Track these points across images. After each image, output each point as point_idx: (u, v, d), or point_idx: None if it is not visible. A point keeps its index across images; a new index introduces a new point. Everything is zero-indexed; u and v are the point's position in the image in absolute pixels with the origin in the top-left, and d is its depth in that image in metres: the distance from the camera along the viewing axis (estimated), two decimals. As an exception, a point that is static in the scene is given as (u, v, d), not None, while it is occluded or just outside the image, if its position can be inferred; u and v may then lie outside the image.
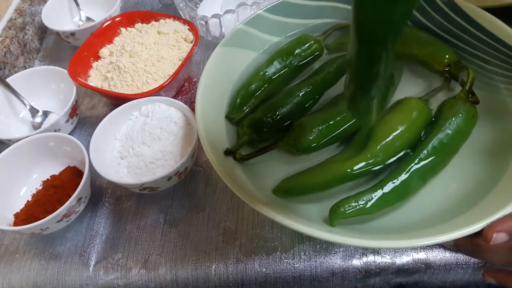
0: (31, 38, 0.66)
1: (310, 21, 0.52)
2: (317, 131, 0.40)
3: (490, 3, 0.56)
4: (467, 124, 0.39)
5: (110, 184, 0.49)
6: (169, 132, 0.47)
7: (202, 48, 0.63)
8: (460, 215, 0.34)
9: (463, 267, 0.41)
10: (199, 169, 0.49)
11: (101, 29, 0.58)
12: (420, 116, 0.40)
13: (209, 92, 0.43)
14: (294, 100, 0.44)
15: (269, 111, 0.43)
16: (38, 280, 0.43)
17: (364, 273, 0.41)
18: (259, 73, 0.47)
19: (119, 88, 0.53)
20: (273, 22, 0.51)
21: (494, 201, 0.34)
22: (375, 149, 0.37)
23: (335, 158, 0.40)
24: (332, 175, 0.37)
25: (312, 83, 0.45)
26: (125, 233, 0.45)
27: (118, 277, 0.42)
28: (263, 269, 0.41)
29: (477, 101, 0.41)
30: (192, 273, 0.42)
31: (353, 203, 0.35)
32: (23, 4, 0.67)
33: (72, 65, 0.53)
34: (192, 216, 0.45)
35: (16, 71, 0.61)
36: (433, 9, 0.47)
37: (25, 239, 0.45)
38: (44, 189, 0.46)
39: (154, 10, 0.71)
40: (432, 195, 0.38)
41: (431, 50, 0.45)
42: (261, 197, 0.37)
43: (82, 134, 0.55)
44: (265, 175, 0.41)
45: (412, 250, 0.41)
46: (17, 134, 0.52)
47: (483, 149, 0.40)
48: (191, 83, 0.58)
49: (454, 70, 0.44)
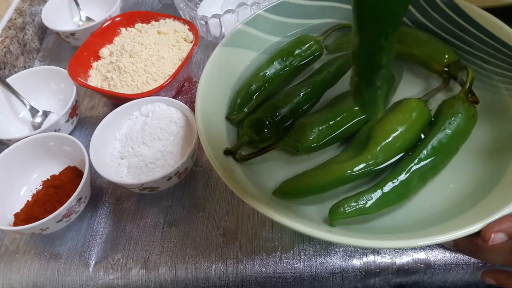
0: (31, 38, 0.66)
1: (310, 21, 0.52)
2: (317, 131, 0.40)
3: (490, 3, 0.56)
4: (466, 124, 0.39)
5: (110, 184, 0.49)
6: (169, 132, 0.47)
7: (202, 48, 0.63)
8: (460, 215, 0.34)
9: (463, 267, 0.41)
10: (199, 169, 0.49)
11: (101, 29, 0.58)
12: (419, 116, 0.40)
13: (209, 92, 0.43)
14: (294, 100, 0.44)
15: (269, 111, 0.43)
16: (38, 280, 0.43)
17: (364, 273, 0.41)
18: (259, 73, 0.47)
19: (119, 88, 0.53)
20: (273, 22, 0.51)
21: (494, 201, 0.34)
22: (375, 150, 0.37)
23: (335, 159, 0.40)
24: (332, 176, 0.37)
25: (312, 83, 0.45)
26: (125, 233, 0.45)
27: (118, 277, 0.42)
28: (263, 269, 0.41)
29: (477, 101, 0.41)
30: (192, 273, 0.42)
31: (352, 203, 0.35)
32: (23, 4, 0.67)
33: (72, 65, 0.53)
34: (192, 216, 0.45)
35: (16, 71, 0.61)
36: (433, 9, 0.47)
37: (25, 239, 0.45)
38: (44, 189, 0.46)
39: (154, 10, 0.71)
40: (432, 195, 0.38)
41: (431, 50, 0.45)
42: (261, 197, 0.37)
43: (82, 134, 0.55)
44: (265, 175, 0.41)
45: (412, 250, 0.41)
46: (17, 134, 0.52)
47: (483, 149, 0.40)
48: (191, 83, 0.58)
49: (454, 70, 0.44)
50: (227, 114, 0.45)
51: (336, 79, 0.47)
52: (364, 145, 0.38)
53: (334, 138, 0.41)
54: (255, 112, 0.44)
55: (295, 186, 0.39)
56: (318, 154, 0.42)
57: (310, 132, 0.40)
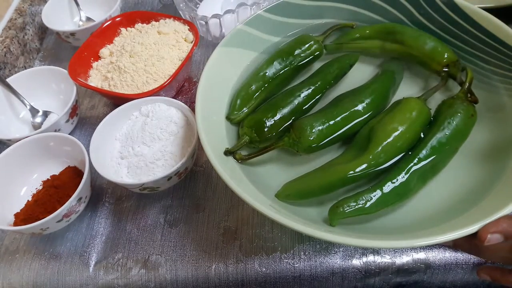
0: (31, 38, 0.66)
1: (310, 21, 0.52)
2: (317, 131, 0.40)
3: (490, 3, 0.56)
4: (466, 123, 0.39)
5: (110, 184, 0.49)
6: (169, 132, 0.47)
7: (202, 48, 0.63)
8: (459, 216, 0.34)
9: (462, 267, 0.41)
10: (199, 169, 0.49)
11: (101, 29, 0.58)
12: (419, 116, 0.40)
13: (209, 92, 0.43)
14: (294, 100, 0.44)
15: (269, 111, 0.43)
16: (38, 280, 0.43)
17: (364, 273, 0.41)
18: (259, 73, 0.47)
19: (119, 88, 0.53)
20: (273, 22, 0.51)
21: (493, 202, 0.34)
22: (376, 150, 0.37)
23: (337, 160, 0.40)
24: (334, 178, 0.37)
25: (313, 83, 0.45)
26: (125, 233, 0.45)
27: (118, 277, 0.42)
28: (263, 269, 0.41)
29: (476, 100, 0.41)
30: (192, 273, 0.42)
31: (352, 203, 0.35)
32: (23, 4, 0.67)
33: (72, 65, 0.53)
34: (192, 216, 0.45)
35: (16, 71, 0.61)
36: (433, 9, 0.47)
37: (25, 239, 0.45)
38: (44, 189, 0.46)
39: (154, 10, 0.71)
40: (431, 196, 0.38)
41: (430, 50, 0.45)
42: (261, 197, 0.37)
43: (82, 134, 0.55)
44: (265, 175, 0.41)
45: (412, 250, 0.41)
46: (17, 134, 0.52)
47: (481, 150, 0.40)
48: (191, 83, 0.58)
49: (453, 70, 0.44)
50: (227, 114, 0.45)
51: (336, 79, 0.47)
52: (365, 145, 0.38)
53: (335, 138, 0.41)
54: (255, 112, 0.44)
55: (298, 188, 0.39)
56: (319, 155, 0.42)
57: (310, 132, 0.40)
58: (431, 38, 0.46)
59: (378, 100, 0.43)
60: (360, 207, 0.35)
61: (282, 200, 0.38)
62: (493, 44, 0.43)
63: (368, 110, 0.42)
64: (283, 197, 0.39)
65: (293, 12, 0.51)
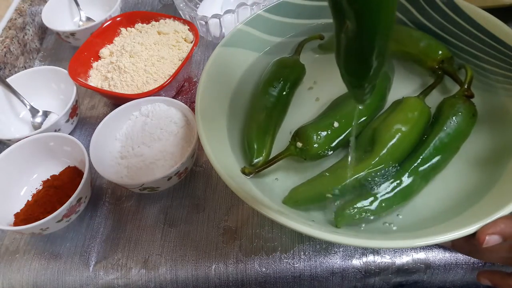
0: (31, 38, 0.66)
1: (310, 21, 0.52)
2: (323, 137, 0.39)
3: (490, 3, 0.56)
4: (467, 123, 0.40)
5: (110, 184, 0.49)
6: (169, 132, 0.47)
7: (202, 48, 0.63)
8: (459, 216, 0.34)
9: (462, 267, 0.41)
10: (199, 169, 0.49)
11: (101, 29, 0.58)
12: (421, 115, 0.40)
13: (209, 92, 0.43)
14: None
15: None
16: (38, 280, 0.43)
17: (363, 273, 0.41)
18: (258, 108, 0.45)
19: (119, 88, 0.53)
20: (273, 22, 0.51)
21: (491, 203, 0.34)
22: (382, 152, 0.37)
23: (342, 163, 0.39)
24: (341, 182, 0.37)
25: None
26: (125, 233, 0.45)
27: (118, 277, 0.42)
28: (263, 269, 0.41)
29: (472, 94, 0.41)
30: (192, 273, 0.42)
31: (358, 204, 0.35)
32: (23, 4, 0.67)
33: (72, 65, 0.53)
34: (192, 216, 0.45)
35: (16, 71, 0.61)
36: (433, 9, 0.47)
37: (25, 239, 0.45)
38: (44, 189, 0.46)
39: (154, 10, 0.71)
40: (430, 196, 0.38)
41: (424, 47, 0.45)
42: (261, 197, 0.37)
43: (82, 134, 0.55)
44: (270, 182, 0.41)
45: (412, 250, 0.41)
46: (17, 134, 0.52)
47: (480, 150, 0.40)
48: (191, 83, 0.58)
49: (448, 66, 0.44)
50: (249, 162, 0.41)
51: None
52: (370, 147, 0.38)
53: (341, 142, 0.40)
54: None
55: (305, 193, 0.38)
56: (324, 159, 0.41)
57: (316, 138, 0.39)
58: (425, 35, 0.46)
59: (377, 101, 0.43)
60: (367, 209, 0.35)
61: (290, 206, 0.38)
62: (493, 44, 0.43)
63: (369, 110, 0.42)
64: (291, 203, 0.38)
65: (293, 12, 0.51)
